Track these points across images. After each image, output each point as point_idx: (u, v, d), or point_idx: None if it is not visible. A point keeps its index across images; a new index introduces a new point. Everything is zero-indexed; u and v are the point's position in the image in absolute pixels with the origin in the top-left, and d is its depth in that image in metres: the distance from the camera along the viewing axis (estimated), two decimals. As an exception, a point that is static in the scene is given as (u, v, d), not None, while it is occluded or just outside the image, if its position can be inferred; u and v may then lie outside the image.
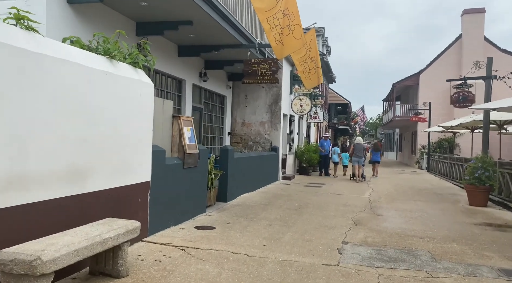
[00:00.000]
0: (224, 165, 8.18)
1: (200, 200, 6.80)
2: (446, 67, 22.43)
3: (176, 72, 9.56)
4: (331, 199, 9.54)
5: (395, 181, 15.16)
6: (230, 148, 8.26)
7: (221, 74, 12.55)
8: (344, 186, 12.59)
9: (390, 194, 10.99)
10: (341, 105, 38.50)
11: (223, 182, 8.18)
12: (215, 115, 12.64)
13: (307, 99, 14.66)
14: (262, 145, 13.60)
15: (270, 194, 9.96)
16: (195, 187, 6.55)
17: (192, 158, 6.28)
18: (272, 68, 9.07)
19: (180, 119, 6.06)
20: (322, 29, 24.59)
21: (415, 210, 8.41)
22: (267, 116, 13.54)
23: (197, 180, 6.59)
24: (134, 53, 4.75)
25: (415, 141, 24.39)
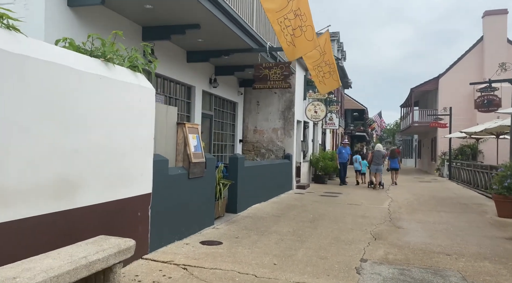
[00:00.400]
0: (233, 175, 7.78)
1: (207, 212, 6.40)
2: (467, 71, 21.62)
3: (185, 78, 9.26)
4: (348, 210, 9.02)
5: (415, 189, 14.49)
6: (240, 156, 7.87)
7: (232, 80, 12.23)
8: (362, 196, 12.03)
9: (411, 204, 10.39)
10: (358, 111, 37.78)
11: (232, 193, 7.78)
12: (226, 122, 12.29)
13: (322, 104, 14.19)
14: (275, 153, 13.17)
15: (283, 204, 9.50)
16: (202, 199, 6.16)
17: (198, 168, 5.91)
18: (284, 73, 8.67)
19: (185, 126, 5.71)
20: (337, 34, 24.14)
21: (439, 222, 7.82)
22: (280, 123, 13.13)
23: (204, 191, 6.21)
24: (133, 56, 4.42)
25: (435, 147, 23.55)
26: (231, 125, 12.80)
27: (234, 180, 7.73)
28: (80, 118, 3.53)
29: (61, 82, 3.34)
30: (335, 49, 24.13)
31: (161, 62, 8.17)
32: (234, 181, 7.72)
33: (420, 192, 13.60)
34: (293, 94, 13.04)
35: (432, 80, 22.91)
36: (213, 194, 6.64)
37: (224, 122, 12.15)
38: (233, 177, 7.76)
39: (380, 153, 14.26)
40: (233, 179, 7.74)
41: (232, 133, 12.83)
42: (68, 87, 3.41)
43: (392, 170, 15.90)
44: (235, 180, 7.73)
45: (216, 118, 11.50)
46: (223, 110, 12.07)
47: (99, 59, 3.93)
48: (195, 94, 9.77)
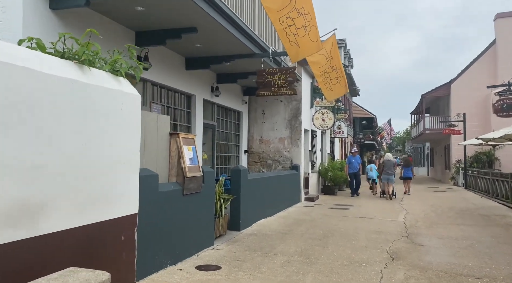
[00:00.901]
0: (236, 188, 7.20)
1: (206, 232, 5.81)
2: (480, 75, 20.89)
3: (184, 87, 8.77)
4: (360, 225, 8.35)
5: (431, 200, 13.73)
6: (243, 168, 7.29)
7: (236, 89, 11.73)
8: (374, 208, 11.33)
9: (428, 217, 9.68)
10: (366, 119, 37.05)
11: (235, 208, 7.19)
12: (230, 132, 11.76)
13: (330, 112, 13.61)
14: (282, 164, 12.58)
15: (290, 219, 8.87)
16: (199, 217, 5.59)
17: (195, 182, 5.35)
18: (288, 78, 8.13)
19: (178, 137, 5.16)
20: (343, 41, 23.63)
21: (462, 238, 7.12)
22: (286, 132, 12.56)
23: (201, 208, 5.63)
24: (114, 58, 3.90)
25: (448, 155, 22.71)
26: (236, 135, 12.26)
27: (236, 195, 7.14)
28: (45, 128, 3.00)
29: (20, 86, 2.82)
30: (342, 56, 23.60)
31: (158, 69, 7.70)
32: (236, 195, 7.14)
33: (436, 202, 12.85)
34: (300, 102, 12.49)
35: (444, 85, 22.20)
36: (213, 211, 6.06)
37: (228, 132, 11.62)
38: (236, 191, 7.17)
39: (390, 162, 14.01)
40: (236, 193, 7.16)
41: (236, 143, 12.29)
42: (29, 92, 2.89)
43: (405, 178, 15.64)
44: (237, 194, 7.15)
45: (219, 128, 10.97)
46: (227, 120, 11.55)
47: (71, 61, 3.41)
48: (196, 103, 9.26)
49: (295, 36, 6.33)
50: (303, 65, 12.40)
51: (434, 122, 23.09)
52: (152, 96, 7.80)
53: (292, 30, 6.64)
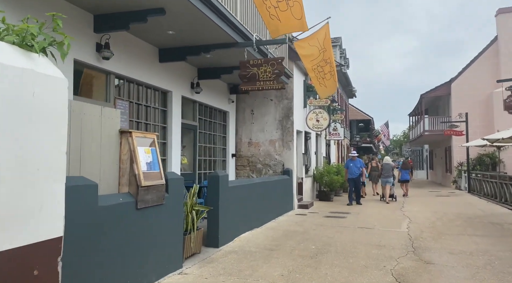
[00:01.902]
0: (213, 198, 6.15)
1: (172, 252, 4.76)
2: (482, 73, 20.00)
3: (158, 82, 7.74)
4: (359, 237, 7.32)
5: (434, 205, 12.72)
6: (222, 174, 6.25)
7: (221, 86, 10.71)
8: (374, 215, 10.30)
9: (434, 226, 8.66)
10: (363, 122, 36.11)
11: (212, 221, 6.14)
12: (215, 134, 10.72)
13: (325, 112, 12.60)
14: (273, 168, 11.54)
15: (280, 231, 7.82)
16: (162, 235, 4.53)
17: (154, 193, 4.30)
18: (275, 71, 7.12)
19: (131, 136, 4.12)
20: (339, 39, 22.72)
21: (478, 253, 6.10)
22: (277, 134, 11.53)
23: (164, 224, 4.58)
24: (21, 27, 2.86)
25: (449, 157, 21.75)
26: (222, 137, 11.23)
27: (214, 205, 6.09)
28: None
29: None
30: (337, 55, 22.69)
31: (125, 60, 6.68)
32: (214, 206, 6.09)
33: (440, 209, 11.84)
34: (291, 101, 11.48)
35: (444, 84, 21.28)
36: (181, 226, 5.01)
37: (212, 134, 10.58)
38: (213, 201, 6.13)
39: (389, 166, 14.11)
40: (213, 203, 6.11)
41: (223, 146, 11.25)
42: None
43: (403, 181, 15.61)
44: (215, 205, 6.10)
45: (202, 129, 9.93)
46: (211, 120, 10.52)
47: None
48: (172, 100, 8.23)
49: (275, 9, 5.81)
50: (295, 60, 11.42)
51: (434, 123, 22.15)
52: (117, 91, 6.76)
53: (273, 2, 6.04)
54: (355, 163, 13.15)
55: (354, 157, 13.28)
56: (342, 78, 23.17)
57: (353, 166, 13.08)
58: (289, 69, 10.81)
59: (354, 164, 13.12)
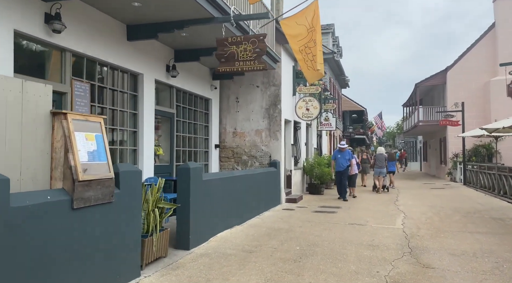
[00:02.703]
0: (184, 193, 5.37)
1: (125, 259, 3.98)
2: (478, 62, 19.33)
3: (126, 63, 6.91)
4: (349, 235, 6.61)
5: (429, 199, 12.08)
6: (193, 165, 5.46)
7: (203, 71, 9.87)
8: (366, 210, 9.61)
9: (431, 222, 7.99)
10: (357, 113, 35.45)
11: (183, 220, 5.37)
12: (196, 123, 9.91)
13: (315, 100, 11.83)
14: (259, 160, 10.78)
15: (263, 228, 7.08)
16: (111, 239, 3.75)
17: (98, 189, 3.51)
18: (256, 49, 6.32)
19: (66, 118, 3.32)
20: (331, 26, 21.88)
21: (482, 254, 5.42)
22: (264, 123, 10.75)
23: (114, 226, 3.80)
24: None
25: (444, 149, 21.15)
26: (204, 127, 10.42)
27: (184, 202, 5.32)
28: None
29: None
30: (330, 43, 21.89)
31: (83, 36, 5.84)
32: (184, 202, 5.31)
33: (436, 202, 11.19)
34: (279, 88, 10.68)
35: (439, 73, 20.58)
36: (138, 227, 4.23)
37: (193, 123, 9.77)
38: (184, 197, 5.35)
39: (382, 156, 14.12)
40: (183, 200, 5.34)
41: (205, 136, 10.45)
42: None
43: (389, 172, 15.30)
44: (185, 202, 5.32)
45: (181, 117, 9.12)
46: (192, 108, 9.70)
47: None
48: (144, 84, 7.40)
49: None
50: (283, 43, 10.60)
51: (429, 113, 21.49)
52: (75, 71, 5.92)
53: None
54: (343, 155, 11.95)
55: (343, 148, 12.00)
56: (335, 66, 22.42)
57: (341, 158, 11.89)
58: (276, 53, 10.00)
59: (342, 156, 11.93)
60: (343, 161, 11.87)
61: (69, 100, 5.65)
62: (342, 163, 11.85)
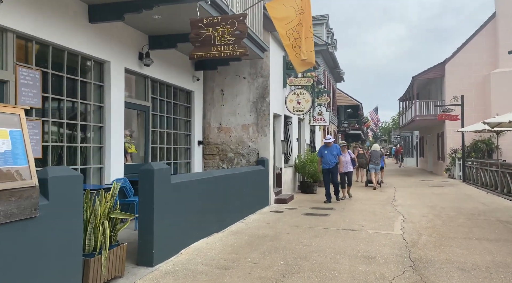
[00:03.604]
0: (146, 200, 4.54)
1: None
2: (478, 53, 18.57)
3: (89, 49, 6.04)
4: (342, 244, 5.82)
5: (429, 198, 11.33)
6: (158, 167, 4.62)
7: (183, 61, 9.01)
8: (361, 211, 8.83)
9: (433, 226, 7.23)
10: (352, 107, 34.72)
11: (145, 231, 4.54)
12: (176, 117, 9.06)
13: (307, 93, 11.00)
14: (246, 157, 9.97)
15: (245, 236, 6.27)
16: (35, 265, 2.92)
17: (12, 202, 2.68)
18: (236, 32, 5.47)
19: (-40, 109, 2.46)
20: (325, 17, 21.01)
21: (496, 268, 4.65)
22: (251, 118, 9.93)
23: (40, 247, 2.97)
24: None
25: (442, 144, 20.44)
26: (186, 122, 9.58)
27: (147, 210, 4.49)
28: None
29: None
30: (324, 34, 21.04)
31: (33, 16, 4.97)
32: (147, 211, 4.48)
33: (436, 202, 10.45)
34: (267, 79, 9.85)
35: (437, 66, 19.80)
36: (77, 245, 3.40)
37: (172, 117, 8.92)
38: (146, 204, 4.52)
39: (377, 153, 14.36)
40: (146, 207, 4.51)
41: (187, 132, 9.61)
42: None
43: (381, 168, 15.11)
44: (148, 210, 4.50)
45: (158, 111, 8.27)
46: (171, 101, 8.85)
47: None
48: (111, 73, 6.53)
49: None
50: (272, 31, 9.75)
51: (426, 107, 20.74)
52: (20, 55, 5.05)
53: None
54: (330, 150, 10.50)
55: (330, 143, 10.58)
56: (329, 59, 21.59)
57: (329, 154, 10.47)
58: (264, 41, 9.14)
59: (329, 152, 10.50)
60: (331, 157, 10.47)
61: (12, 90, 4.79)
62: (330, 160, 10.46)
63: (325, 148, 10.65)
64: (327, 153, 10.52)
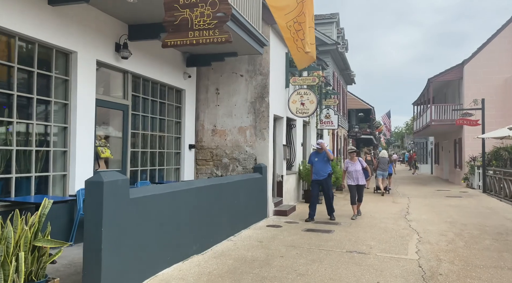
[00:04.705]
0: (92, 221, 3.58)
1: None
2: (500, 54, 17.32)
3: (49, 36, 5.15)
4: (345, 272, 4.78)
5: (447, 211, 10.18)
6: (111, 178, 3.66)
7: (173, 56, 8.10)
8: (370, 227, 7.75)
9: (455, 248, 6.13)
10: (363, 111, 33.43)
11: (90, 260, 3.58)
12: (163, 118, 8.14)
13: (311, 93, 9.98)
14: (243, 163, 8.98)
15: (230, 260, 5.28)
16: None
17: None
18: (217, 14, 4.52)
19: None
20: (335, 15, 19.95)
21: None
22: (249, 119, 8.95)
23: None
24: None
25: (460, 151, 19.16)
26: (175, 123, 8.65)
27: (92, 233, 3.54)
28: None
29: None
30: (334, 34, 19.98)
31: None
32: (92, 235, 3.53)
33: (456, 217, 9.31)
34: (267, 77, 8.87)
35: (455, 67, 18.56)
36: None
37: (159, 118, 8.01)
38: (92, 227, 3.56)
39: (385, 159, 14.58)
40: (92, 230, 3.55)
41: (177, 135, 8.68)
42: None
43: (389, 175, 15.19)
44: (94, 233, 3.54)
45: (140, 111, 7.35)
46: (157, 100, 7.93)
47: None
48: (78, 66, 5.62)
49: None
50: (272, 24, 8.77)
51: (443, 111, 19.49)
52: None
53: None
54: (321, 157, 8.62)
55: (321, 149, 8.68)
56: (339, 60, 20.53)
57: (319, 162, 8.58)
58: (263, 35, 8.17)
59: (320, 159, 8.61)
60: (322, 165, 8.52)
61: None
62: (321, 169, 8.52)
63: (316, 154, 8.76)
64: (318, 160, 8.61)
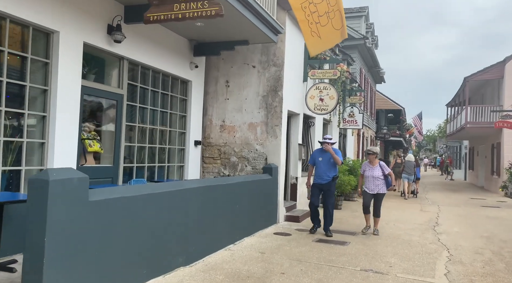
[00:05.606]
0: (34, 229, 2.91)
1: None
2: (547, 51, 15.71)
3: (27, 13, 4.55)
4: (356, 302, 3.92)
5: (482, 223, 9.03)
6: (59, 177, 2.97)
7: (177, 43, 7.42)
8: (392, 239, 6.79)
9: (493, 272, 5.13)
10: (393, 112, 31.86)
11: (28, 281, 2.90)
12: (165, 111, 7.48)
13: (331, 88, 9.06)
14: (252, 163, 8.21)
15: (220, 275, 4.51)
16: None
17: None
18: (206, -18, 3.75)
19: None
20: (364, 9, 18.81)
21: None
22: (260, 115, 8.17)
23: None
24: None
25: (498, 156, 17.60)
26: (180, 117, 7.97)
27: (33, 247, 2.86)
28: None
29: None
30: (362, 28, 18.86)
31: None
32: (34, 248, 2.86)
33: (493, 230, 8.17)
34: (281, 69, 8.06)
35: (495, 65, 17.04)
36: None
37: (160, 111, 7.35)
38: (34, 236, 2.89)
39: (411, 163, 14.36)
40: (33, 241, 2.88)
41: (181, 130, 8.00)
42: None
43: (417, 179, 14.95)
44: (35, 245, 2.86)
45: (137, 102, 6.70)
46: (159, 91, 7.27)
47: None
48: (59, 48, 5.01)
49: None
50: (288, 10, 7.94)
51: (480, 113, 17.98)
52: None
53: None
54: (326, 157, 7.01)
55: (327, 145, 7.01)
56: (367, 56, 19.39)
57: (323, 163, 7.00)
58: (278, 22, 7.36)
59: (325, 159, 7.01)
60: (326, 167, 6.98)
61: None
62: (324, 172, 6.98)
63: (320, 153, 7.14)
64: (322, 160, 7.03)
